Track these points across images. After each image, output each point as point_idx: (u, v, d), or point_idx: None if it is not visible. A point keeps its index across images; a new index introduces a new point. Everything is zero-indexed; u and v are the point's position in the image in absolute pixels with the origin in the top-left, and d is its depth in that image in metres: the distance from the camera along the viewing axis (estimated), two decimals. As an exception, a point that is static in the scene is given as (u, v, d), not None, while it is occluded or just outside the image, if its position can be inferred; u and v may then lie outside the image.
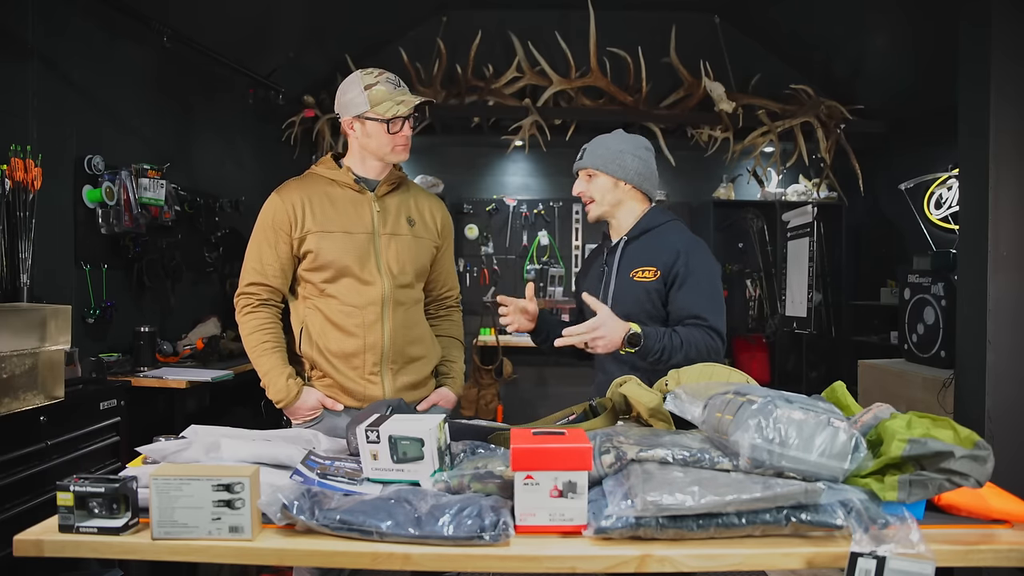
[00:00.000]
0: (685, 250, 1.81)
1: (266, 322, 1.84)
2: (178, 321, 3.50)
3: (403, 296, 1.88)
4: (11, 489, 1.99)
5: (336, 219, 1.82)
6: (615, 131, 1.98)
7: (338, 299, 1.82)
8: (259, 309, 1.85)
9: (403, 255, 1.87)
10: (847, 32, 4.44)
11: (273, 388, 1.82)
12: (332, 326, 1.82)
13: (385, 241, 1.86)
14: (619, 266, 1.91)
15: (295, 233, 1.81)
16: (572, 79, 4.71)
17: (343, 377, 1.83)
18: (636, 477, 1.10)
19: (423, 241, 1.93)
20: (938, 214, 4.16)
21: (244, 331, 1.85)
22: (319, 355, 1.84)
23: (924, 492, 1.05)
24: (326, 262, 1.80)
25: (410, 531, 1.06)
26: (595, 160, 1.91)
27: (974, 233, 2.57)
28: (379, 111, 1.78)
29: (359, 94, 1.79)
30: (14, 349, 2.00)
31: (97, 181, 2.90)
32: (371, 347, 1.82)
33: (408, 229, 1.90)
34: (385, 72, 1.83)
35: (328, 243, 1.80)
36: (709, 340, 1.74)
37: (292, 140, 4.70)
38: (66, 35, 2.80)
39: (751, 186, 5.39)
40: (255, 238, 1.85)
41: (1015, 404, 2.47)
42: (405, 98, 1.79)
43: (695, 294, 1.78)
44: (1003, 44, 2.48)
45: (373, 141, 1.82)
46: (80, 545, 1.09)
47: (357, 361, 1.83)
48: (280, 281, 1.85)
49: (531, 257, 5.42)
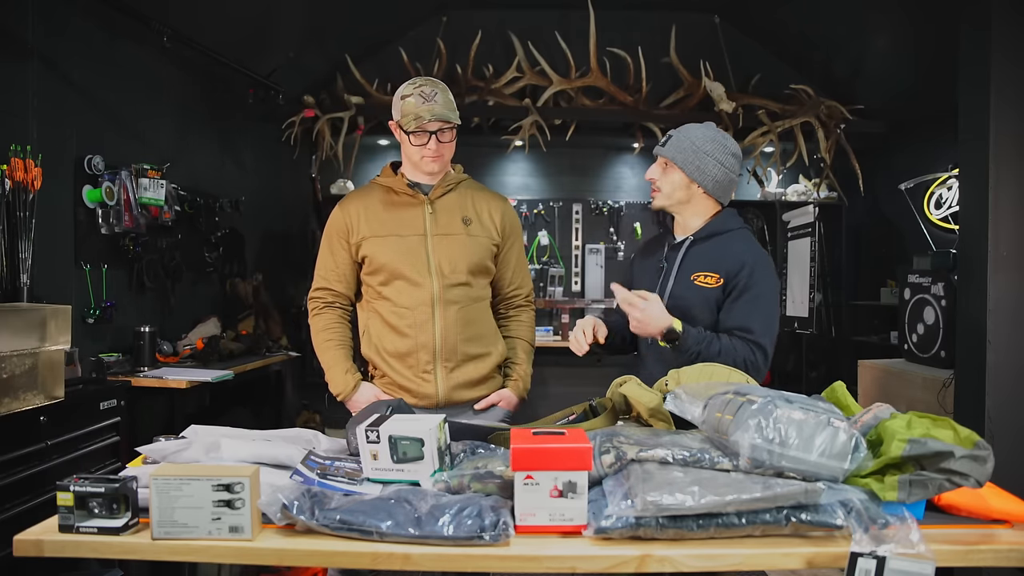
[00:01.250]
0: (752, 263, 1.76)
1: (331, 322, 1.97)
2: (178, 321, 3.50)
3: (456, 295, 1.90)
4: (11, 489, 1.99)
5: (389, 224, 1.91)
6: (707, 124, 1.87)
7: (392, 301, 1.90)
8: (324, 311, 1.98)
9: (455, 254, 1.91)
10: (848, 32, 4.44)
11: (333, 382, 1.93)
12: (388, 327, 1.91)
13: (436, 242, 1.91)
14: (680, 266, 1.85)
15: (352, 239, 1.92)
16: (572, 79, 4.71)
17: (399, 376, 1.90)
18: (636, 477, 1.10)
19: (478, 240, 1.95)
20: (938, 214, 4.16)
21: (312, 331, 1.99)
22: (377, 355, 1.93)
23: (924, 492, 1.05)
24: (379, 265, 1.89)
25: (410, 531, 1.06)
26: (676, 153, 1.81)
27: (974, 233, 2.57)
28: (403, 123, 1.86)
29: (397, 101, 1.88)
30: (14, 349, 2.00)
31: (97, 181, 2.90)
32: (423, 346, 1.88)
33: (462, 228, 1.94)
34: (427, 84, 1.86)
35: (380, 247, 1.89)
36: (750, 354, 1.70)
37: (292, 140, 4.70)
38: (66, 35, 2.79)
39: (751, 186, 5.39)
40: (321, 247, 1.99)
41: (1015, 404, 2.47)
42: (423, 115, 1.83)
43: (750, 308, 1.74)
44: (1003, 45, 2.48)
45: (406, 149, 1.92)
46: (80, 545, 1.09)
47: (411, 360, 1.89)
48: (343, 286, 1.97)
49: (531, 257, 5.42)
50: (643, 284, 1.90)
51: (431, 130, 1.85)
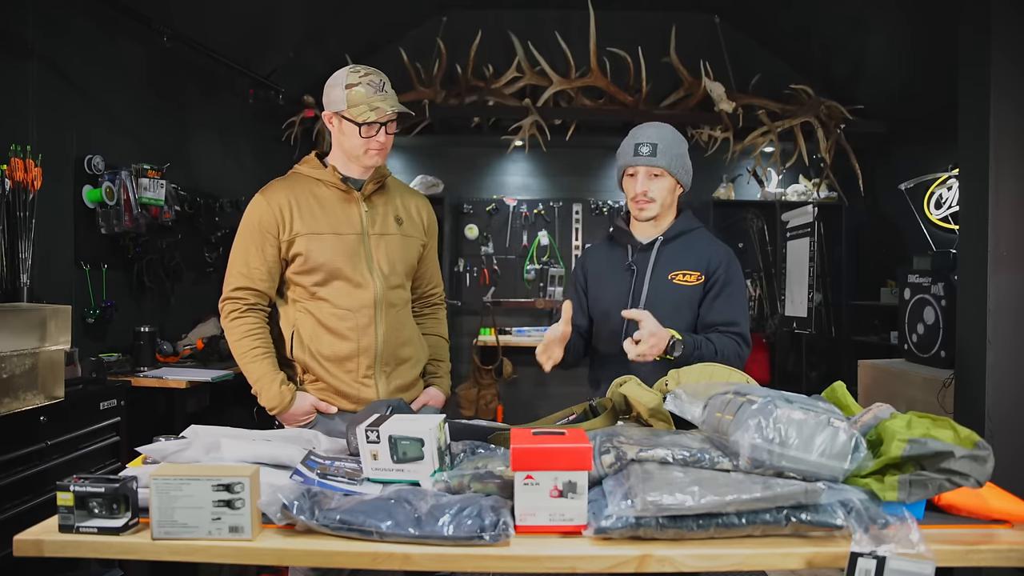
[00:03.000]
0: (727, 258, 1.83)
1: (254, 327, 1.81)
2: (178, 321, 3.50)
3: (394, 297, 1.86)
4: (11, 489, 1.99)
5: (325, 220, 1.79)
6: (665, 125, 1.88)
7: (330, 302, 1.80)
8: (247, 314, 1.81)
9: (393, 255, 1.85)
10: (847, 32, 4.44)
11: (266, 395, 1.80)
12: (324, 330, 1.80)
13: (375, 241, 1.83)
14: (655, 266, 1.85)
15: (283, 235, 1.77)
16: (572, 79, 4.71)
17: (337, 381, 1.81)
18: (636, 477, 1.10)
19: (411, 240, 1.91)
20: (938, 214, 4.16)
21: (232, 337, 1.81)
22: (311, 359, 1.81)
23: (924, 492, 1.05)
24: (317, 264, 1.77)
25: (410, 531, 1.06)
26: (668, 161, 1.81)
27: (974, 233, 2.57)
28: (353, 113, 1.74)
29: (340, 91, 1.75)
30: (14, 349, 2.00)
31: (97, 181, 2.90)
32: (364, 350, 1.81)
33: (397, 228, 1.88)
34: (372, 73, 1.77)
35: (318, 245, 1.77)
36: (737, 348, 1.76)
37: (292, 140, 4.70)
38: (66, 35, 2.80)
39: (751, 186, 5.39)
40: (240, 240, 1.81)
41: (1015, 404, 2.47)
42: (381, 105, 1.73)
43: (732, 301, 1.80)
44: (1003, 44, 2.48)
45: (347, 141, 1.78)
46: (80, 545, 1.09)
47: (351, 365, 1.81)
48: (267, 285, 1.81)
49: (531, 257, 5.42)
50: (607, 287, 1.89)
51: (383, 122, 1.76)
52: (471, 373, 4.96)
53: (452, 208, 5.33)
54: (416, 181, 5.15)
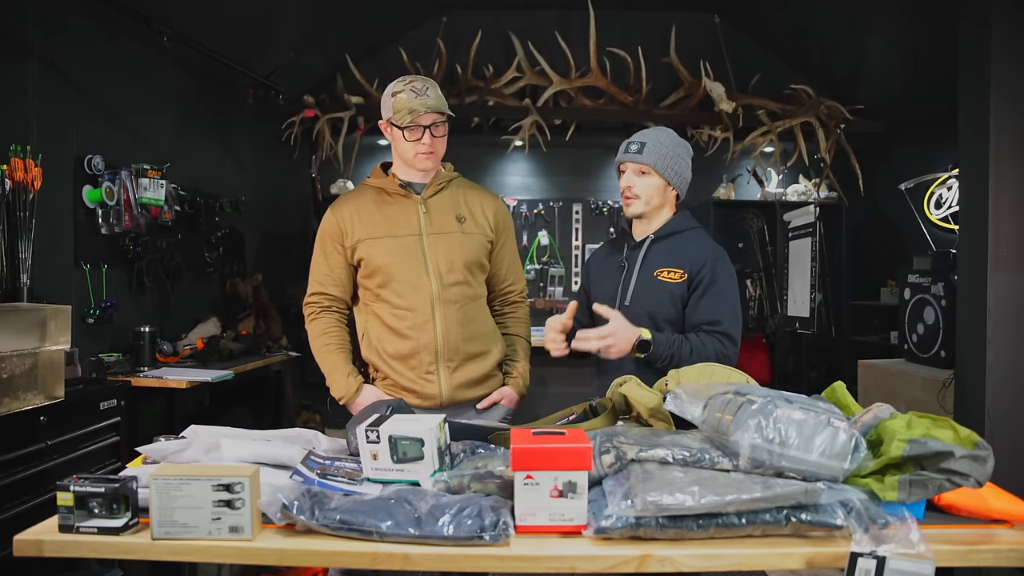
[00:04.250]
0: (713, 257, 1.84)
1: (329, 326, 1.95)
2: (178, 321, 3.50)
3: (454, 294, 1.89)
4: (11, 489, 1.99)
5: (383, 225, 1.89)
6: (666, 129, 1.96)
7: (390, 303, 1.88)
8: (321, 315, 1.96)
9: (452, 253, 1.90)
10: (847, 32, 4.44)
11: (335, 386, 1.91)
12: (388, 329, 1.89)
13: (432, 241, 1.89)
14: (642, 264, 1.89)
15: (347, 243, 1.90)
16: (572, 79, 4.71)
17: (402, 377, 1.89)
18: (636, 477, 1.10)
19: (473, 237, 1.94)
20: (938, 214, 4.16)
21: (310, 336, 1.96)
22: (378, 358, 1.91)
23: (924, 492, 1.05)
24: (376, 267, 1.87)
25: (410, 531, 1.06)
26: (655, 159, 1.87)
27: (974, 233, 2.57)
28: (397, 118, 1.84)
29: (388, 99, 1.86)
30: (14, 349, 2.00)
31: (97, 181, 2.90)
32: (425, 347, 1.87)
33: (457, 226, 1.93)
34: (417, 80, 1.85)
35: (376, 249, 1.87)
36: (720, 347, 1.76)
37: (292, 140, 4.70)
38: (66, 35, 2.80)
39: (751, 186, 5.38)
40: (315, 252, 1.97)
41: (1015, 404, 2.47)
42: (417, 108, 1.81)
43: (717, 301, 1.81)
44: (1003, 42, 2.47)
45: (399, 146, 1.89)
46: (80, 545, 1.09)
47: (414, 361, 1.88)
48: (339, 290, 1.95)
49: (531, 257, 5.42)
50: (603, 285, 1.96)
51: (425, 124, 1.83)
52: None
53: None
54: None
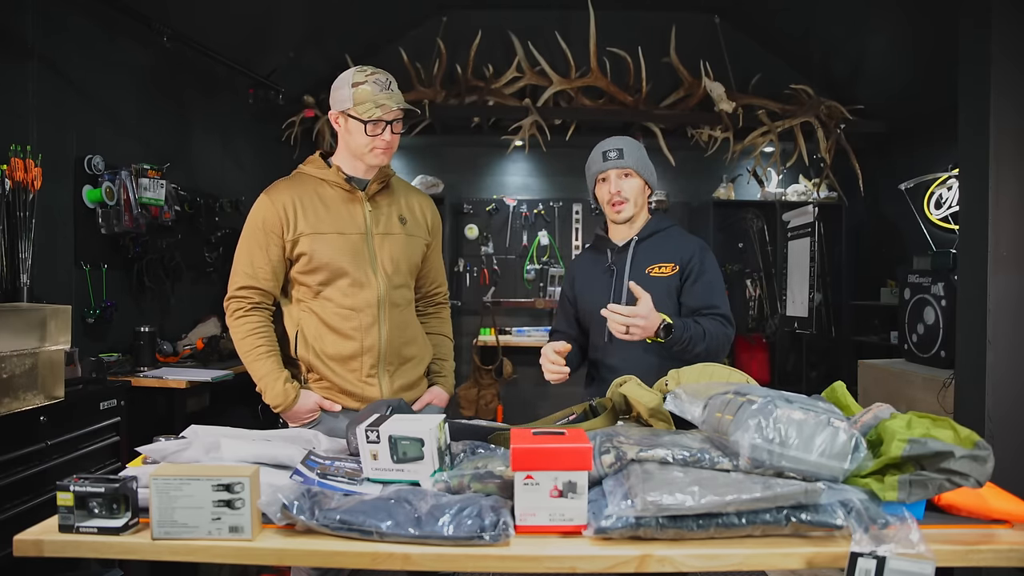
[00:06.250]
0: (699, 250, 1.94)
1: (259, 326, 1.82)
2: (178, 321, 3.50)
3: (398, 297, 1.87)
4: (11, 489, 1.99)
5: (329, 220, 1.80)
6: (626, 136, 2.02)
7: (333, 302, 1.81)
8: (251, 313, 1.82)
9: (397, 254, 1.86)
10: (847, 32, 4.44)
11: (270, 393, 1.80)
12: (328, 329, 1.81)
13: (379, 241, 1.84)
14: (632, 264, 1.94)
15: (287, 235, 1.79)
16: (572, 79, 4.71)
17: (341, 380, 1.82)
18: (636, 477, 1.10)
19: (415, 239, 1.93)
20: (938, 214, 4.16)
21: (236, 336, 1.83)
22: (316, 358, 1.82)
23: (924, 492, 1.05)
24: (320, 264, 1.79)
25: (410, 531, 1.06)
26: (634, 161, 1.93)
27: (974, 233, 2.57)
28: (359, 111, 1.75)
29: (347, 89, 1.77)
30: (14, 349, 2.00)
31: (97, 181, 2.90)
32: (368, 349, 1.82)
33: (400, 228, 1.89)
34: (379, 72, 1.79)
35: (322, 245, 1.78)
36: (723, 328, 1.84)
37: (292, 140, 4.70)
38: (66, 35, 2.80)
39: (751, 186, 5.39)
40: (245, 240, 1.82)
41: (1015, 404, 2.47)
42: (386, 102, 1.75)
43: (710, 287, 1.90)
44: (1003, 42, 2.48)
45: (353, 139, 1.80)
46: (80, 545, 1.09)
47: (355, 364, 1.82)
48: (272, 284, 1.83)
49: (531, 257, 5.42)
50: (591, 291, 2.00)
51: (389, 119, 1.77)
52: (471, 373, 4.96)
53: (452, 208, 5.32)
54: (416, 181, 5.14)
